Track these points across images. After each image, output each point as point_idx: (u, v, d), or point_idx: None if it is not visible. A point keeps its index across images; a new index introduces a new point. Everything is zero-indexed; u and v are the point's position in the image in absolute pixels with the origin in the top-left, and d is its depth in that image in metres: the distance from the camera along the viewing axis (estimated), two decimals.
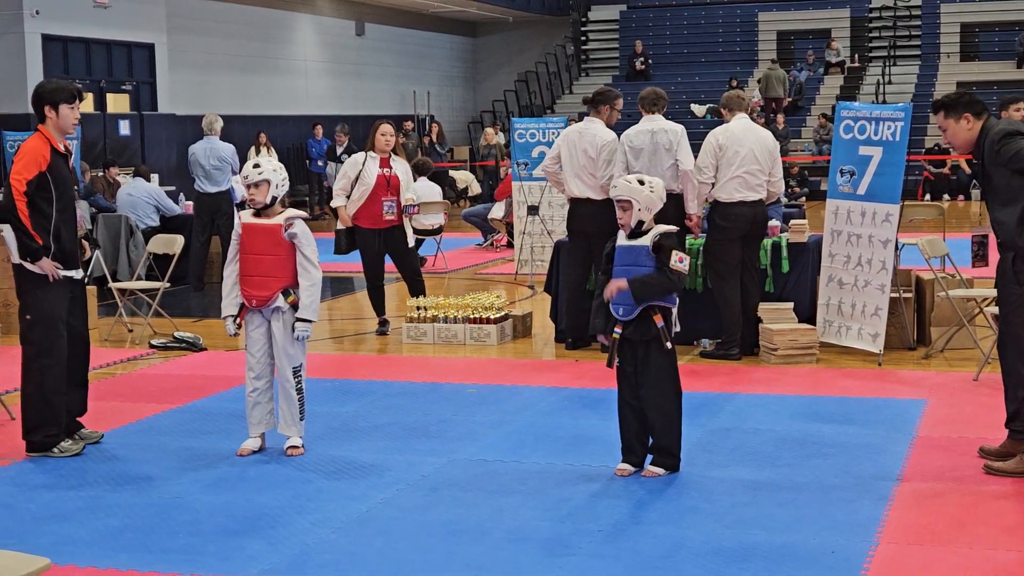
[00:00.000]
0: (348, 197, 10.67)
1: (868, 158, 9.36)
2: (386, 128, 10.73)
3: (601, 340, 6.54)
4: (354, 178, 10.62)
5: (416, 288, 10.93)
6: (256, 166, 6.92)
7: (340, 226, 10.83)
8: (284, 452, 6.98)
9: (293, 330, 6.91)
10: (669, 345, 6.31)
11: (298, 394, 6.99)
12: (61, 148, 7.04)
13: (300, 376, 7.00)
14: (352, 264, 15.86)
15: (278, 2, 27.45)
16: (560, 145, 10.00)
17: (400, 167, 10.76)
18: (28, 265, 6.94)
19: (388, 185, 10.61)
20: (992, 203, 6.36)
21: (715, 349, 9.56)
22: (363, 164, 10.63)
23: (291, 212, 6.98)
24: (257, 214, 6.97)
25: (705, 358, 9.50)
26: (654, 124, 9.65)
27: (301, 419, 7.04)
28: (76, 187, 7.09)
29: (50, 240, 6.93)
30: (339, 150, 18.24)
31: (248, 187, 6.92)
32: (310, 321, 6.92)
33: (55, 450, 7.04)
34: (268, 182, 6.88)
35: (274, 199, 6.93)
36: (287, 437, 7.06)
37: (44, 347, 7.00)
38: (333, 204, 10.93)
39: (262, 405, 7.05)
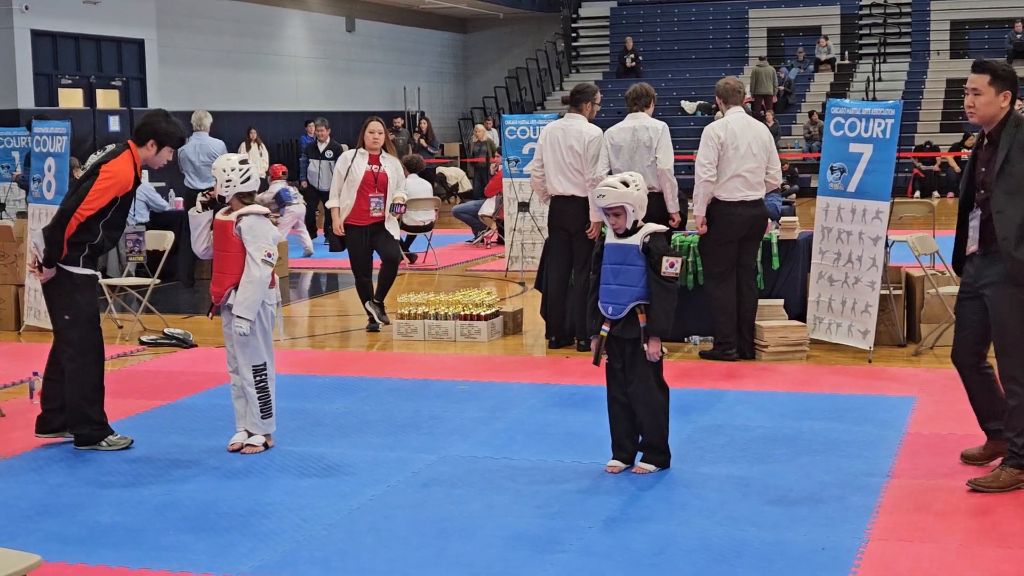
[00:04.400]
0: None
1: (858, 155, 9.37)
2: (374, 126, 10.74)
3: (593, 343, 6.51)
4: (344, 175, 10.62)
5: (388, 275, 10.87)
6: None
7: (332, 226, 10.81)
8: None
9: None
10: (645, 347, 6.31)
11: (259, 393, 6.93)
12: (140, 173, 7.19)
13: (264, 374, 6.95)
14: (342, 261, 15.89)
15: None
16: (542, 144, 9.88)
17: (390, 164, 10.76)
18: (69, 267, 7.03)
19: (376, 182, 10.61)
20: (998, 190, 6.03)
21: (713, 350, 9.48)
22: (352, 161, 10.64)
23: (248, 208, 6.94)
24: (227, 211, 7.00)
25: (704, 358, 9.45)
26: (636, 122, 9.60)
27: (264, 418, 6.99)
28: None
29: (87, 247, 7.04)
30: (322, 147, 17.96)
31: None
32: (246, 319, 6.82)
33: (103, 443, 7.12)
34: (215, 180, 6.90)
35: (222, 198, 6.92)
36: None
37: (84, 346, 7.10)
38: (328, 205, 10.92)
39: (243, 399, 7.03)
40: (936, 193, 25.69)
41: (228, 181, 6.88)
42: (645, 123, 9.58)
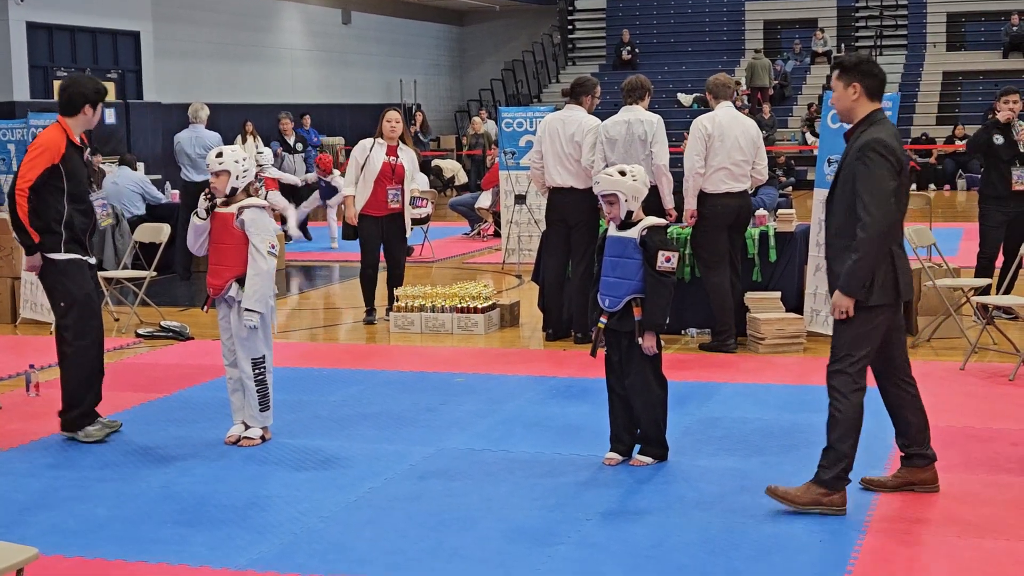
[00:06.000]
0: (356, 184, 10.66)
1: None
2: (391, 115, 10.72)
3: (593, 334, 6.52)
4: (362, 164, 10.59)
5: (395, 280, 10.90)
6: (219, 155, 6.89)
7: (346, 214, 10.77)
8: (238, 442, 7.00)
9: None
10: (640, 340, 6.29)
11: (258, 386, 6.93)
12: (77, 140, 7.14)
13: (262, 368, 6.94)
14: (343, 253, 15.88)
15: None
16: (541, 136, 9.88)
17: (407, 156, 10.74)
18: (51, 255, 7.04)
19: (393, 174, 10.59)
20: (834, 196, 5.71)
21: (712, 342, 9.50)
22: (370, 150, 10.61)
23: (248, 201, 6.92)
24: (225, 203, 6.96)
25: (704, 350, 9.46)
26: (631, 115, 9.58)
27: (262, 410, 6.99)
28: (91, 178, 7.26)
29: (61, 228, 7.03)
30: (290, 140, 17.53)
31: (212, 176, 6.92)
32: (256, 312, 6.83)
33: (80, 433, 7.12)
34: (228, 172, 6.86)
35: (234, 190, 6.90)
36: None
37: (80, 329, 7.11)
38: (344, 193, 10.85)
39: (240, 391, 7.03)
40: (932, 186, 25.70)
41: (245, 171, 6.89)
42: (640, 116, 9.56)
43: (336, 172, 16.97)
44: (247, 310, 6.81)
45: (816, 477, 5.67)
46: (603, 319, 6.37)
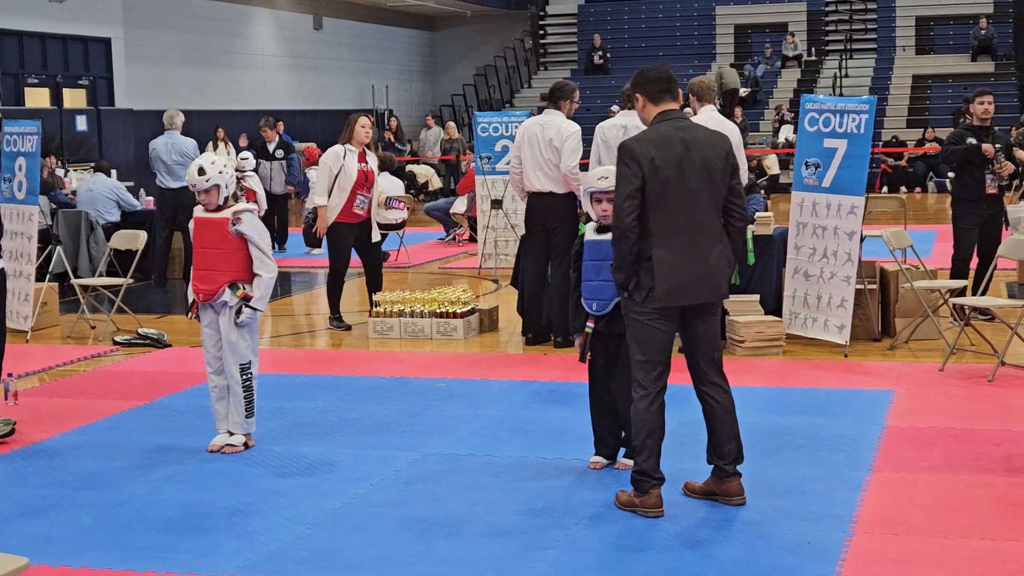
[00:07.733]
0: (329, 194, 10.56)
1: (833, 150, 9.41)
2: (365, 120, 10.70)
3: (577, 340, 6.49)
4: (336, 172, 10.52)
5: (375, 284, 10.89)
6: (201, 172, 6.80)
7: (317, 225, 10.70)
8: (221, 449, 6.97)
9: (238, 316, 6.83)
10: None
11: (245, 391, 6.92)
12: None
13: (249, 373, 6.93)
14: (314, 260, 15.82)
15: None
16: (520, 141, 9.87)
17: (374, 161, 10.75)
18: None
19: (366, 180, 10.57)
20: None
21: None
22: (343, 158, 10.55)
23: (240, 206, 6.90)
24: (208, 208, 6.93)
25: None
26: (628, 120, 9.60)
27: (248, 416, 6.97)
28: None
29: None
30: (271, 147, 17.03)
31: (199, 193, 6.86)
32: (258, 310, 6.85)
33: None
34: (217, 187, 6.82)
35: (226, 199, 6.88)
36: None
37: None
38: (316, 203, 10.68)
39: (225, 400, 7.00)
40: (904, 188, 25.84)
41: (231, 178, 6.86)
42: (637, 122, 9.55)
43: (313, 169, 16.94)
44: (251, 308, 6.80)
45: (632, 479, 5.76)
46: (590, 324, 6.35)
